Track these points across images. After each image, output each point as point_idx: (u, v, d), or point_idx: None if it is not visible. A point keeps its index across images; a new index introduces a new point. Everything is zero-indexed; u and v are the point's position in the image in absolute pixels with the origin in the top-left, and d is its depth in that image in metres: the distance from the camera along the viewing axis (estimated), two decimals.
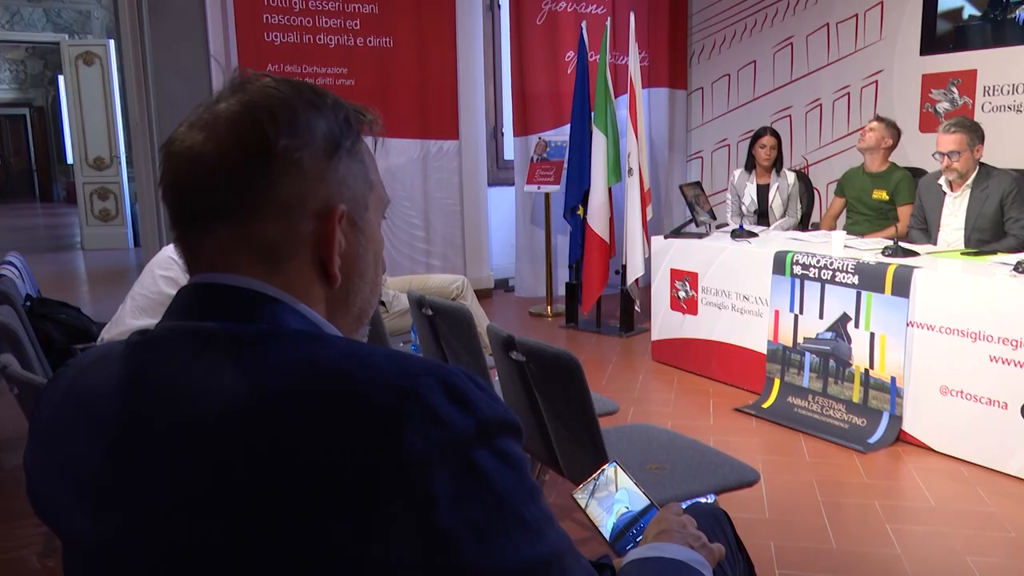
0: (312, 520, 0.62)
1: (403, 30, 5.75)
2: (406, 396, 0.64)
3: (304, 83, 0.80)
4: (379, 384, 0.65)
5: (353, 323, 0.84)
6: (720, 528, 1.26)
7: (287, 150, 0.74)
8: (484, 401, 0.68)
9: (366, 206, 0.82)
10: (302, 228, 0.75)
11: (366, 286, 0.84)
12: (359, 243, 0.81)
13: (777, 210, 4.95)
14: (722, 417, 3.69)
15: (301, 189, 0.75)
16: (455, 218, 6.17)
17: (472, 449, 0.65)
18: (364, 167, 0.82)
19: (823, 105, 5.90)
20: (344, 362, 0.68)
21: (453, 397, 0.66)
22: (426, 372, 0.67)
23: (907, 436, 3.27)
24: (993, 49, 4.93)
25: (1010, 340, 2.91)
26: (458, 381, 0.67)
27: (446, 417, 0.64)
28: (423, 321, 2.48)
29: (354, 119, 0.81)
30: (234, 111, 0.75)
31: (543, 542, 0.68)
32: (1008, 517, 2.67)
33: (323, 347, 0.71)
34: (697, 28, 6.72)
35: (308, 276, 0.77)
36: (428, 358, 0.71)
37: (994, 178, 3.79)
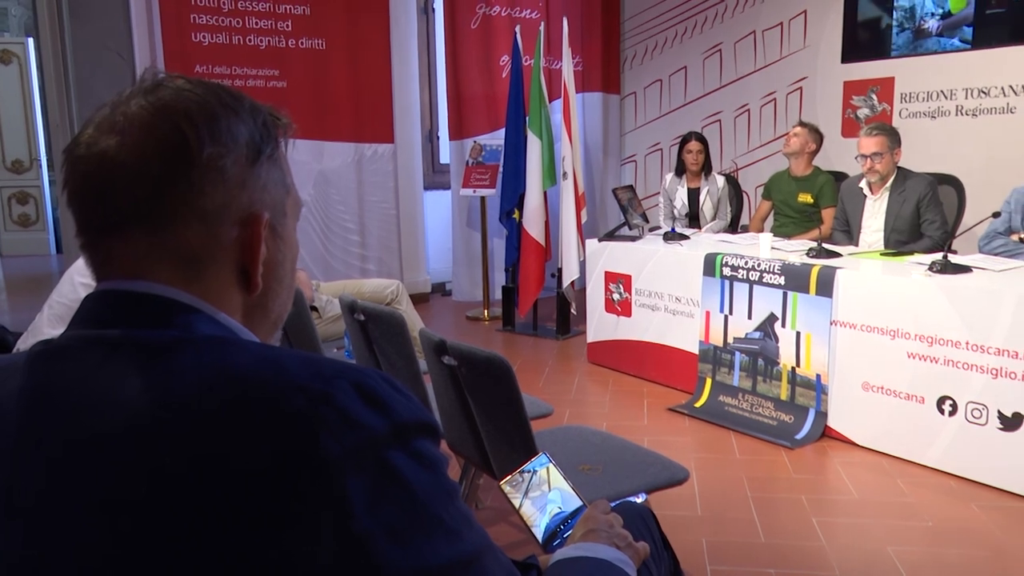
0: (228, 527, 0.61)
1: (336, 32, 5.68)
2: (320, 400, 0.64)
3: (219, 86, 0.78)
4: (292, 388, 0.65)
5: (270, 329, 0.83)
6: (645, 526, 1.28)
7: (211, 158, 0.73)
8: (399, 402, 0.68)
9: (284, 212, 0.81)
10: (224, 235, 0.74)
11: (284, 291, 0.83)
12: (279, 249, 0.80)
13: (708, 213, 5.06)
14: (656, 417, 3.75)
15: (224, 196, 0.74)
16: (391, 222, 6.12)
17: (387, 451, 0.65)
18: (282, 172, 0.81)
19: (751, 110, 6.06)
20: (257, 367, 0.68)
21: (367, 399, 0.66)
22: (340, 375, 0.67)
23: (832, 431, 3.38)
24: (910, 58, 5.14)
25: (925, 337, 3.03)
26: (372, 383, 0.67)
27: (360, 420, 0.64)
28: (356, 326, 2.45)
29: (271, 123, 0.80)
30: (149, 115, 0.73)
31: (461, 542, 0.69)
32: (926, 507, 2.78)
33: (236, 353, 0.70)
34: (629, 34, 6.83)
35: (227, 283, 0.76)
36: (342, 361, 0.71)
37: (911, 181, 3.95)
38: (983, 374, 2.87)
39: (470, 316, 5.90)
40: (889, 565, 2.40)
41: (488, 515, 2.74)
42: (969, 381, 2.92)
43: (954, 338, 2.95)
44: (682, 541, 2.54)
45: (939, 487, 2.93)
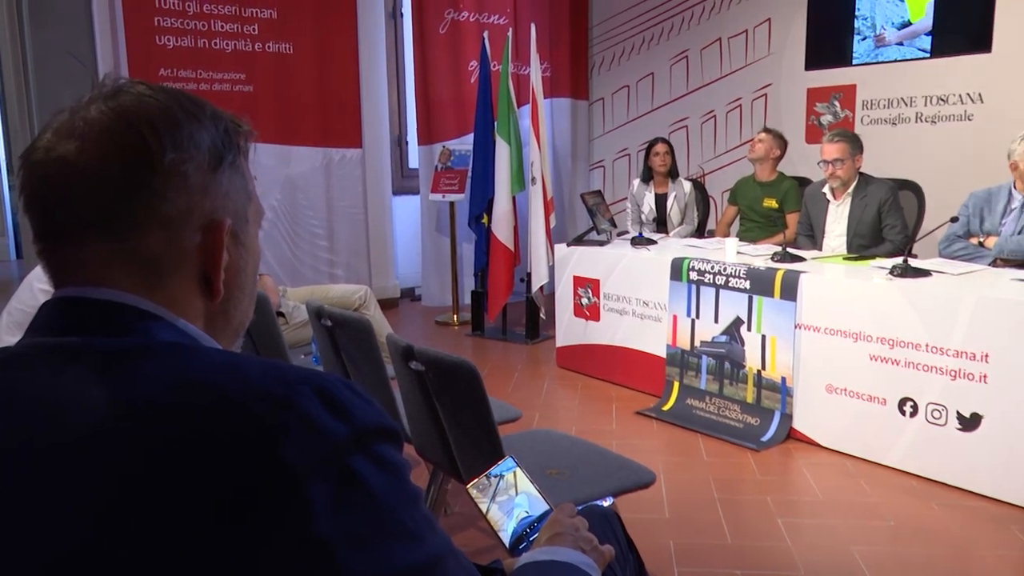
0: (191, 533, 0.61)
1: (303, 36, 5.65)
2: (282, 406, 0.64)
3: (181, 92, 0.78)
4: (254, 395, 0.65)
5: (232, 336, 0.83)
6: (611, 529, 1.29)
7: (174, 164, 0.72)
8: (361, 408, 0.68)
9: (247, 218, 0.81)
10: (186, 242, 0.74)
11: (245, 298, 0.83)
12: (241, 256, 0.80)
13: (675, 218, 5.11)
14: (624, 421, 3.77)
15: (186, 203, 0.73)
16: (359, 227, 6.10)
17: (350, 457, 0.65)
18: (244, 179, 0.81)
19: (717, 116, 6.13)
20: (219, 373, 0.68)
21: (329, 405, 0.66)
22: (302, 380, 0.67)
23: (797, 433, 3.43)
24: (871, 66, 5.24)
25: (887, 340, 3.08)
26: (334, 388, 0.67)
27: (322, 426, 0.64)
28: (323, 332, 2.44)
29: (232, 130, 0.80)
30: (110, 120, 0.72)
31: (424, 547, 0.69)
32: (888, 507, 2.83)
33: (198, 359, 0.70)
34: (597, 40, 6.87)
35: (189, 290, 0.76)
36: (305, 367, 0.71)
37: (872, 187, 4.02)
38: (942, 375, 2.93)
39: (439, 321, 5.89)
40: (852, 564, 2.44)
41: (457, 520, 2.74)
42: (929, 382, 2.98)
43: (914, 340, 3.01)
44: (650, 544, 2.56)
45: (901, 487, 2.98)
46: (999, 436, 2.80)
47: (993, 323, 2.79)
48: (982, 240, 3.61)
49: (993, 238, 3.57)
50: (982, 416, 2.84)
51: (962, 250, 3.64)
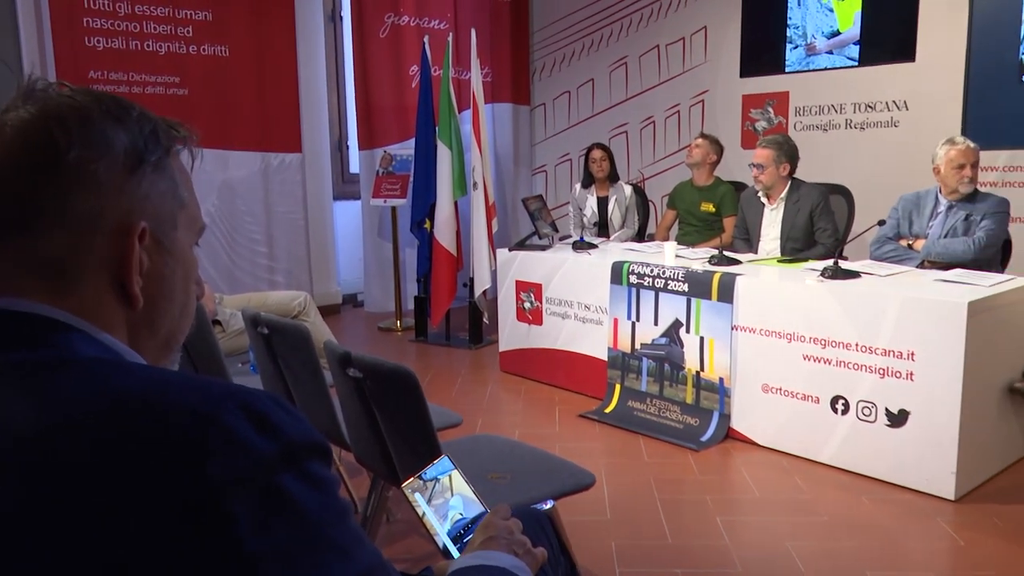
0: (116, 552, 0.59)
1: (240, 38, 5.55)
2: (207, 423, 0.63)
3: (107, 95, 0.76)
4: (178, 411, 0.63)
5: (161, 348, 0.80)
6: (543, 531, 1.30)
7: (80, 161, 0.70)
8: (289, 424, 0.67)
9: (175, 224, 0.78)
10: (95, 245, 0.71)
11: (174, 309, 0.80)
12: (165, 263, 0.77)
13: (616, 221, 5.17)
14: (567, 424, 3.79)
15: (95, 203, 0.71)
16: (299, 233, 6.01)
17: (277, 474, 0.64)
18: (173, 184, 0.78)
19: (656, 122, 6.23)
20: (142, 389, 0.66)
21: (256, 422, 0.65)
22: (228, 396, 0.65)
23: (735, 432, 3.49)
24: (802, 74, 5.40)
25: (819, 340, 3.17)
26: (261, 405, 0.66)
27: (249, 443, 0.63)
28: (259, 340, 2.40)
29: (163, 133, 0.77)
30: (23, 119, 0.72)
31: (352, 562, 0.68)
32: (822, 503, 2.91)
33: (120, 375, 0.68)
34: (538, 46, 6.92)
35: (106, 299, 0.73)
36: (231, 382, 0.69)
37: (804, 191, 4.13)
38: (871, 374, 3.03)
39: (382, 327, 5.84)
40: (787, 559, 2.50)
41: (400, 527, 2.72)
42: (859, 381, 3.07)
43: (845, 340, 3.10)
44: (591, 545, 2.58)
45: (833, 483, 3.07)
46: (925, 431, 2.90)
47: (918, 322, 2.89)
48: (911, 242, 3.74)
49: (921, 240, 3.70)
50: (909, 412, 2.94)
51: (892, 252, 3.76)
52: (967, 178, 3.55)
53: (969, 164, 3.55)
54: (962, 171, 3.55)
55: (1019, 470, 3.15)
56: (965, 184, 3.56)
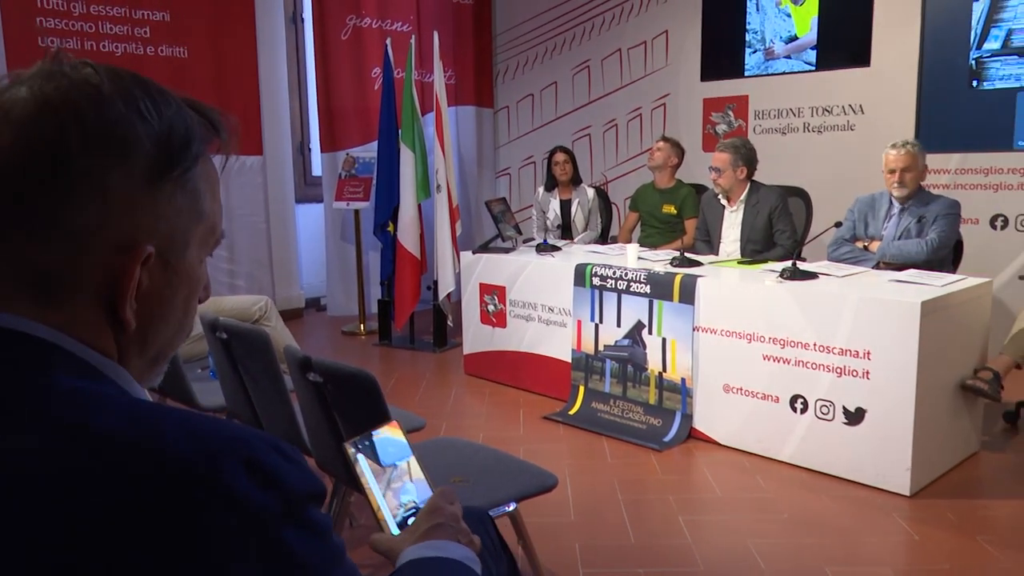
0: None
1: (199, 40, 5.47)
2: (207, 484, 0.58)
3: (143, 80, 0.67)
4: (174, 465, 0.58)
5: (148, 366, 0.73)
6: (484, 529, 1.30)
7: (93, 167, 0.62)
8: (292, 474, 0.63)
9: (186, 243, 0.69)
10: (93, 261, 0.64)
11: (170, 329, 0.72)
12: (168, 283, 0.69)
13: (579, 224, 5.19)
14: (531, 426, 3.80)
15: (99, 217, 0.63)
16: (261, 236, 5.94)
17: (280, 529, 0.61)
18: (195, 197, 0.69)
19: (618, 125, 6.28)
20: (129, 433, 0.59)
21: (259, 477, 0.60)
22: (227, 450, 0.60)
23: (697, 432, 3.53)
24: (761, 78, 5.47)
25: (778, 340, 3.22)
26: (263, 456, 0.61)
27: (251, 502, 0.59)
28: (218, 345, 2.36)
29: (199, 136, 0.68)
30: (34, 106, 0.63)
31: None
32: (782, 500, 2.95)
33: (101, 414, 0.60)
34: (501, 49, 6.93)
35: (95, 316, 0.66)
36: (227, 424, 0.64)
37: (763, 194, 4.20)
38: (829, 373, 3.08)
39: (346, 331, 5.80)
40: (749, 557, 2.53)
41: (362, 532, 2.70)
42: (817, 380, 3.12)
43: (803, 340, 3.15)
44: (555, 546, 2.59)
45: (794, 481, 3.11)
46: (881, 429, 2.96)
47: (874, 322, 2.95)
48: (867, 244, 3.82)
49: (877, 242, 3.77)
50: (865, 410, 3.00)
51: (848, 253, 3.83)
52: (896, 183, 3.65)
53: (900, 169, 3.63)
54: (892, 176, 3.65)
55: (971, 465, 3.23)
56: (895, 188, 3.67)
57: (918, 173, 3.67)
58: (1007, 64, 4.53)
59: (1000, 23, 4.53)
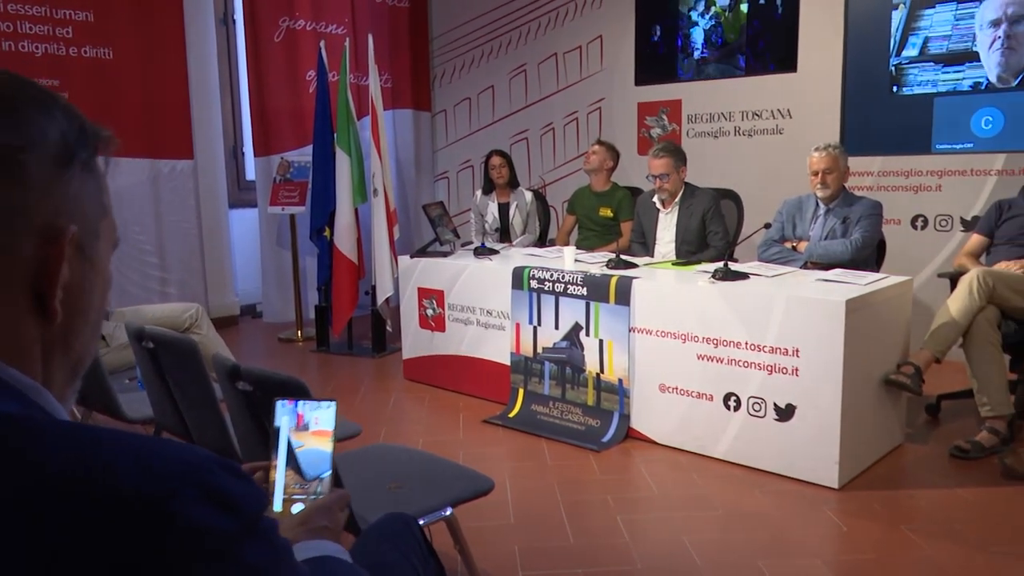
0: None
1: (124, 40, 5.32)
2: (163, 517, 0.56)
3: (29, 80, 0.69)
4: (129, 503, 0.55)
5: (69, 374, 0.71)
6: (411, 534, 1.31)
7: (8, 151, 0.62)
8: (247, 493, 0.62)
9: (97, 234, 0.70)
10: (16, 247, 0.62)
11: (88, 328, 0.71)
12: (86, 275, 0.68)
13: (517, 227, 5.21)
14: (471, 430, 3.79)
15: (21, 199, 0.63)
16: (193, 242, 5.80)
17: (242, 548, 0.60)
18: (100, 188, 0.71)
19: (555, 129, 6.32)
20: (76, 468, 0.56)
21: (216, 501, 0.59)
22: (183, 480, 0.58)
23: (635, 432, 3.57)
24: (694, 82, 5.58)
25: (712, 339, 3.28)
26: (218, 480, 0.60)
27: (214, 528, 0.58)
28: (144, 355, 2.30)
29: (90, 132, 0.70)
30: None
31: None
32: (717, 496, 3.01)
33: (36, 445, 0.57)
34: (438, 52, 6.92)
35: (17, 312, 0.64)
36: (176, 446, 0.61)
37: (697, 196, 4.28)
38: (760, 370, 3.15)
39: (282, 338, 5.70)
40: (684, 554, 2.57)
41: None
42: (749, 378, 3.19)
43: (735, 339, 3.22)
44: (495, 550, 2.59)
45: (728, 477, 3.18)
46: (810, 424, 3.04)
47: (802, 320, 3.03)
48: (795, 244, 3.92)
49: (805, 242, 3.88)
50: (795, 407, 3.08)
51: (777, 254, 3.93)
52: (819, 184, 3.78)
53: (822, 171, 3.76)
54: (816, 177, 3.78)
55: (896, 457, 3.34)
56: (819, 189, 3.81)
57: (839, 174, 3.79)
58: (924, 71, 4.72)
59: (917, 31, 4.72)
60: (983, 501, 2.91)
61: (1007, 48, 4.46)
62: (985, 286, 3.31)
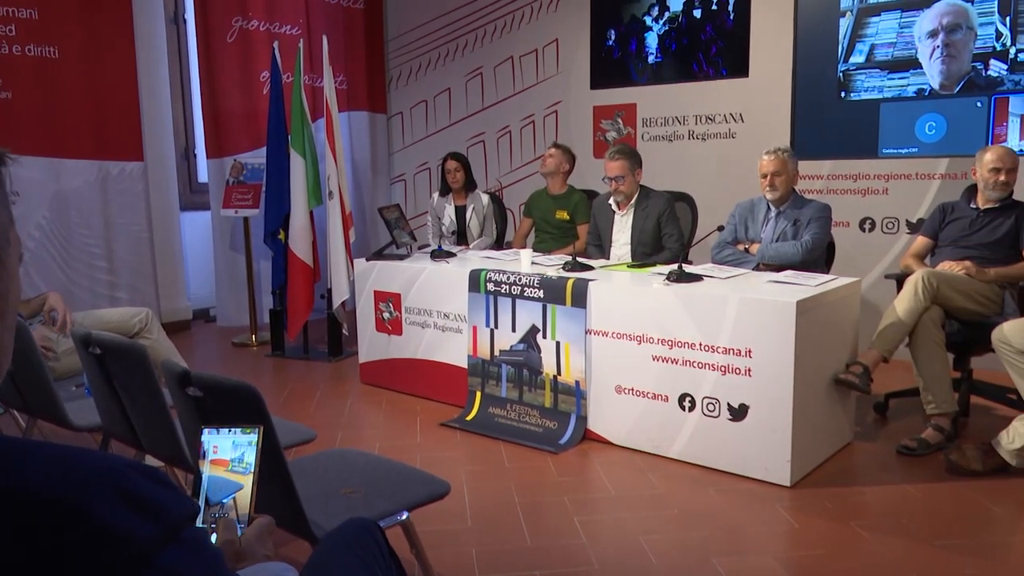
0: None
1: (70, 39, 5.19)
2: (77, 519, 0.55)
3: None
4: (41, 506, 0.54)
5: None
6: (373, 540, 1.30)
7: None
8: (167, 498, 0.61)
9: (8, 240, 0.70)
10: None
11: (5, 332, 0.71)
12: (1, 279, 0.69)
13: (474, 230, 5.21)
14: (429, 433, 3.78)
15: None
16: (143, 246, 5.68)
17: (162, 554, 0.59)
18: (4, 197, 0.70)
19: (512, 132, 6.34)
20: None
21: (133, 504, 0.58)
22: (98, 482, 0.57)
23: (592, 433, 3.60)
24: (648, 86, 5.64)
25: (666, 341, 3.32)
26: (134, 483, 0.59)
27: (128, 531, 0.57)
28: (91, 361, 2.24)
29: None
30: None
31: None
32: (672, 496, 3.04)
33: None
34: (394, 54, 6.89)
35: None
36: (95, 455, 0.60)
37: (652, 199, 4.32)
38: (714, 371, 3.20)
39: (236, 342, 5.62)
40: (641, 554, 2.59)
41: None
42: (704, 378, 3.23)
43: (690, 340, 3.26)
44: (452, 554, 2.59)
45: (683, 477, 3.21)
46: (763, 424, 3.09)
47: (754, 321, 3.08)
48: (747, 246, 3.99)
49: (757, 244, 3.94)
50: (749, 406, 3.13)
51: (731, 256, 3.99)
52: (768, 186, 3.86)
53: (771, 173, 3.84)
54: (765, 180, 3.86)
55: (846, 455, 3.42)
56: (768, 191, 3.88)
57: (788, 177, 3.87)
58: (871, 76, 4.84)
59: (864, 38, 4.83)
60: (929, 496, 2.99)
61: (947, 56, 4.60)
62: (930, 287, 3.40)
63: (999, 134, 4.48)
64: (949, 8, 4.56)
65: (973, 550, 2.56)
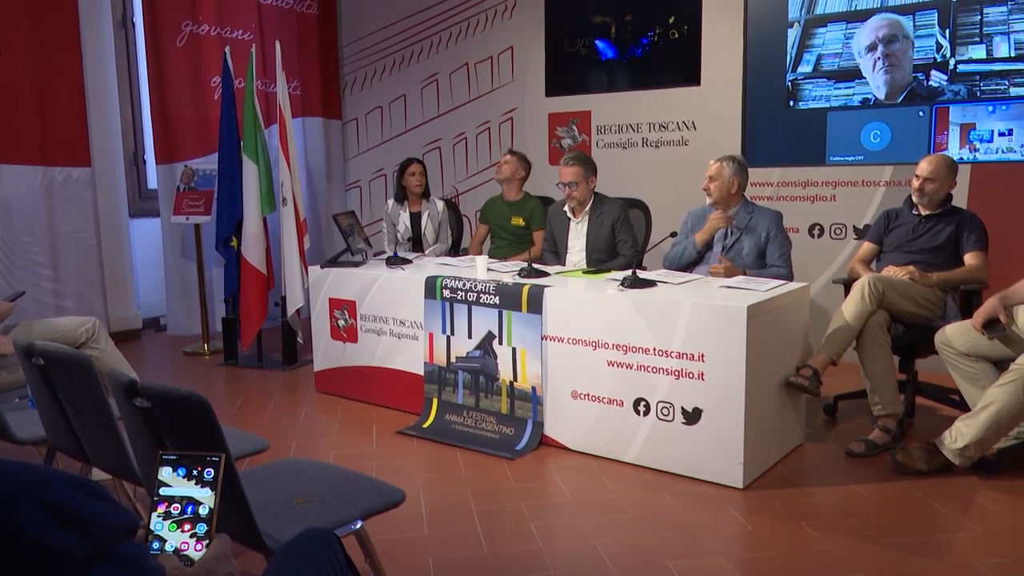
0: None
1: (13, 40, 5.05)
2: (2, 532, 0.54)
3: None
4: None
5: None
6: (331, 551, 1.29)
7: None
8: (100, 513, 0.60)
9: None
10: None
11: None
12: None
13: (430, 236, 5.20)
14: (385, 441, 3.75)
15: None
16: (91, 253, 5.55)
17: (89, 570, 0.58)
18: None
19: (468, 138, 6.35)
20: None
21: (62, 520, 0.57)
22: (25, 494, 0.56)
23: (548, 439, 3.61)
24: (602, 94, 5.70)
25: (621, 346, 3.35)
26: (64, 498, 0.58)
27: (55, 546, 0.56)
28: (34, 372, 2.18)
29: None
30: None
31: None
32: (627, 500, 3.06)
33: None
34: (348, 60, 6.84)
35: None
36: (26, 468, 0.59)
37: (606, 206, 4.36)
38: (668, 375, 3.23)
39: (188, 351, 5.52)
40: (596, 558, 2.61)
41: None
42: (658, 383, 3.27)
43: (644, 345, 3.29)
44: (408, 562, 2.57)
45: (638, 481, 3.24)
46: (715, 427, 3.14)
47: (706, 326, 3.13)
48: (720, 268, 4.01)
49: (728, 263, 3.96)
50: (702, 410, 3.17)
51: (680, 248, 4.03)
52: (705, 191, 3.95)
53: (708, 178, 3.94)
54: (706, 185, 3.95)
55: (797, 457, 3.48)
56: (707, 196, 3.96)
57: (723, 183, 3.89)
58: (818, 86, 4.95)
59: (811, 48, 4.95)
60: (876, 496, 3.06)
61: (889, 66, 4.73)
62: (876, 291, 3.49)
63: (940, 142, 4.62)
64: (883, 21, 4.70)
65: (917, 548, 2.63)
